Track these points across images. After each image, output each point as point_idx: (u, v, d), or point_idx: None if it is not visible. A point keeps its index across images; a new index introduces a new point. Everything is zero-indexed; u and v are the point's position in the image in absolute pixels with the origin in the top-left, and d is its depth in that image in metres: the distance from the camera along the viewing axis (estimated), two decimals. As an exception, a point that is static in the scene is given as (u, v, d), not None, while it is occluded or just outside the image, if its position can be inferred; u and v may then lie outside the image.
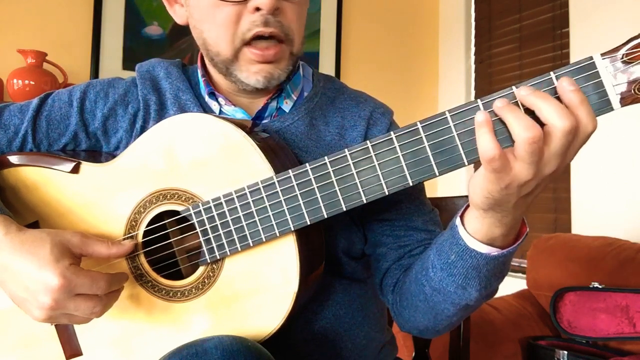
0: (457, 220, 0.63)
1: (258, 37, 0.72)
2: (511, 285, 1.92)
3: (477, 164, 0.56)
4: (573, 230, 2.09)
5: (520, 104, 0.54)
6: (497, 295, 0.69)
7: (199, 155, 0.68)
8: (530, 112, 0.53)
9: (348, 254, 0.80)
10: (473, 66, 2.65)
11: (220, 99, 0.81)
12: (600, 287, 1.60)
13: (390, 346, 0.88)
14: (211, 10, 0.73)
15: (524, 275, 1.90)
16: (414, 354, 1.11)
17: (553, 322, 1.68)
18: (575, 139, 0.52)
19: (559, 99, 0.52)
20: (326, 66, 2.47)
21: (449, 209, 1.05)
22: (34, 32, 1.94)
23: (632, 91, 0.52)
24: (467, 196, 0.60)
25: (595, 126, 0.52)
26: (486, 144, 0.52)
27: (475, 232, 0.61)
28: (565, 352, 1.57)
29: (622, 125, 1.86)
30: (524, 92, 0.53)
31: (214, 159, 0.67)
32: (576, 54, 2.13)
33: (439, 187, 2.57)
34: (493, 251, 0.61)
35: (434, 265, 0.67)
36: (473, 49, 2.66)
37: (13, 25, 1.91)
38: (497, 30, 2.54)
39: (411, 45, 2.73)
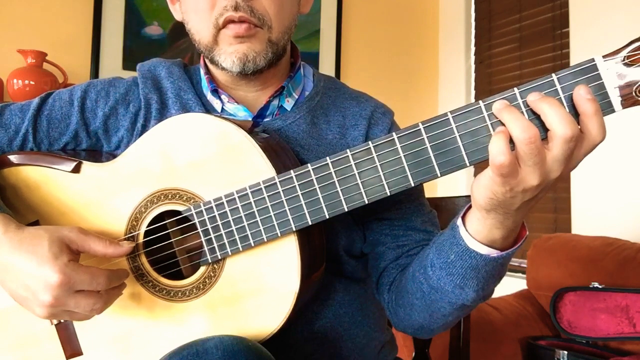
0: (459, 221, 0.63)
1: (231, 22, 0.74)
2: (511, 285, 1.92)
3: (477, 165, 0.56)
4: (573, 230, 2.09)
5: (522, 108, 0.54)
6: (497, 295, 0.70)
7: (200, 156, 0.68)
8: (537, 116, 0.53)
9: (349, 252, 0.80)
10: (473, 66, 2.65)
11: (222, 97, 0.81)
12: (600, 287, 1.60)
13: (390, 346, 0.88)
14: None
15: (524, 275, 1.90)
16: (414, 354, 1.11)
17: (553, 322, 1.68)
18: (581, 147, 0.53)
19: (572, 105, 0.53)
20: (326, 66, 2.47)
21: (448, 208, 1.05)
22: (34, 32, 1.94)
23: (633, 93, 0.52)
24: (467, 196, 0.61)
25: (604, 138, 0.53)
26: (498, 149, 0.52)
27: (476, 233, 0.61)
28: (565, 352, 1.57)
29: (622, 125, 1.86)
30: (532, 97, 0.53)
31: (215, 159, 0.67)
32: (576, 54, 2.13)
33: (439, 187, 2.57)
34: (493, 253, 0.61)
35: (433, 264, 0.67)
36: (473, 49, 2.66)
37: (13, 25, 1.91)
38: (497, 30, 2.54)
39: (411, 45, 2.73)
